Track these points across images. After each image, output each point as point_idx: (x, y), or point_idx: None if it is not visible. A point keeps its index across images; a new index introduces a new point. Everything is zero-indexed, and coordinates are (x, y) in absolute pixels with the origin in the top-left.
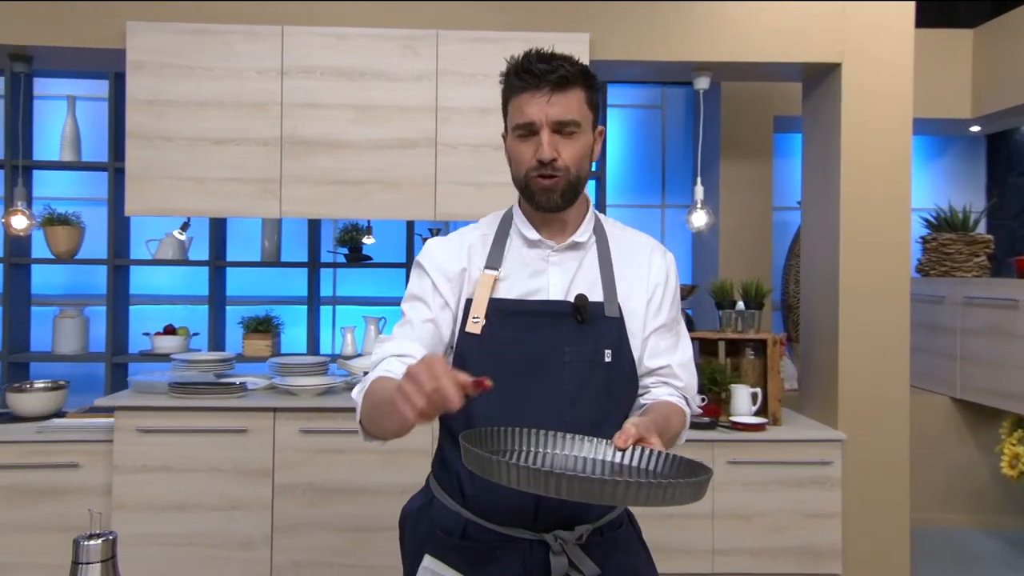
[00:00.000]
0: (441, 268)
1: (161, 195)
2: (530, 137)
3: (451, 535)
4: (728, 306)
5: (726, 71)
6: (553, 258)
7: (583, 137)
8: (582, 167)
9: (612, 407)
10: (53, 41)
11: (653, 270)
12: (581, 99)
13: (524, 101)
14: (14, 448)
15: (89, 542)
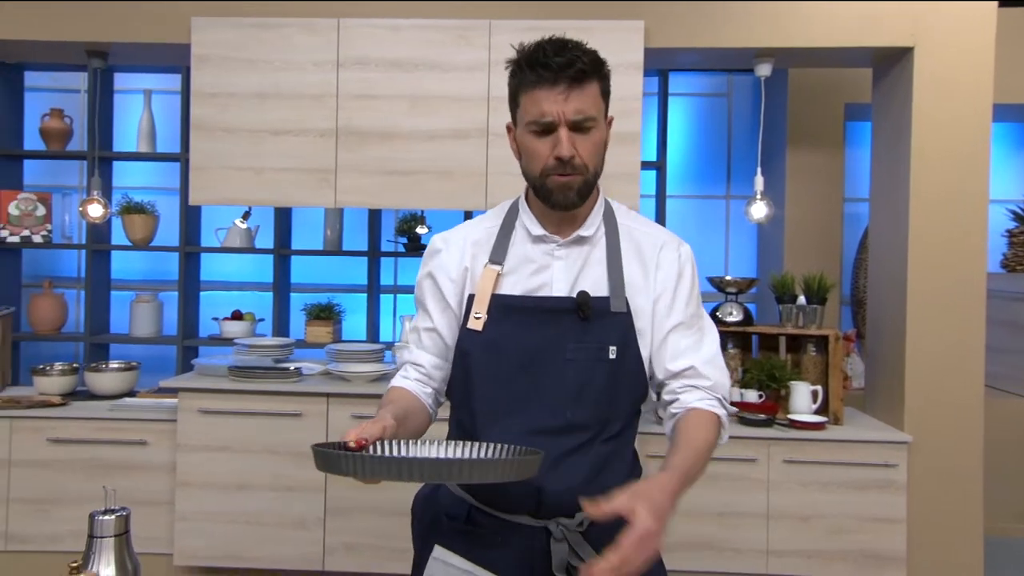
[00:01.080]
0: (444, 268)
1: (223, 185)
2: (546, 134)
3: (456, 520)
4: (789, 301)
5: (789, 57)
6: (558, 252)
7: (599, 131)
8: (599, 162)
9: (617, 405)
10: (126, 37)
11: (664, 266)
12: (596, 92)
13: (540, 97)
14: (89, 424)
15: (104, 517)
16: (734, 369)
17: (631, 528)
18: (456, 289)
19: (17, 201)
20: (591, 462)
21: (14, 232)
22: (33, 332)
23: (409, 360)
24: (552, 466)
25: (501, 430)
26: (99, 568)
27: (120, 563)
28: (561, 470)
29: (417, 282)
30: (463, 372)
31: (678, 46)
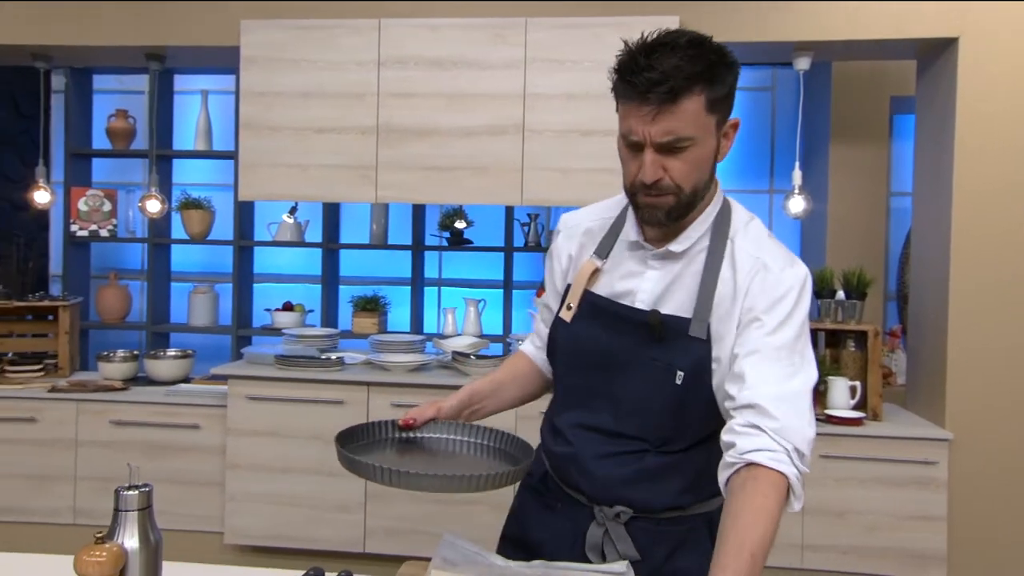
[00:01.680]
0: (559, 251)
1: (270, 181)
2: (636, 150)
3: (532, 477)
4: (827, 296)
5: (829, 50)
6: (652, 262)
7: (700, 148)
8: (698, 181)
9: (682, 427)
10: (181, 41)
11: (757, 290)
12: (699, 107)
13: (629, 112)
14: (147, 408)
15: (128, 492)
16: None
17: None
18: (563, 274)
19: (86, 197)
20: (637, 468)
21: (83, 227)
22: (100, 321)
23: (535, 330)
24: (598, 459)
25: (566, 416)
26: (123, 539)
27: (143, 535)
28: (605, 464)
29: (550, 250)
30: (551, 354)
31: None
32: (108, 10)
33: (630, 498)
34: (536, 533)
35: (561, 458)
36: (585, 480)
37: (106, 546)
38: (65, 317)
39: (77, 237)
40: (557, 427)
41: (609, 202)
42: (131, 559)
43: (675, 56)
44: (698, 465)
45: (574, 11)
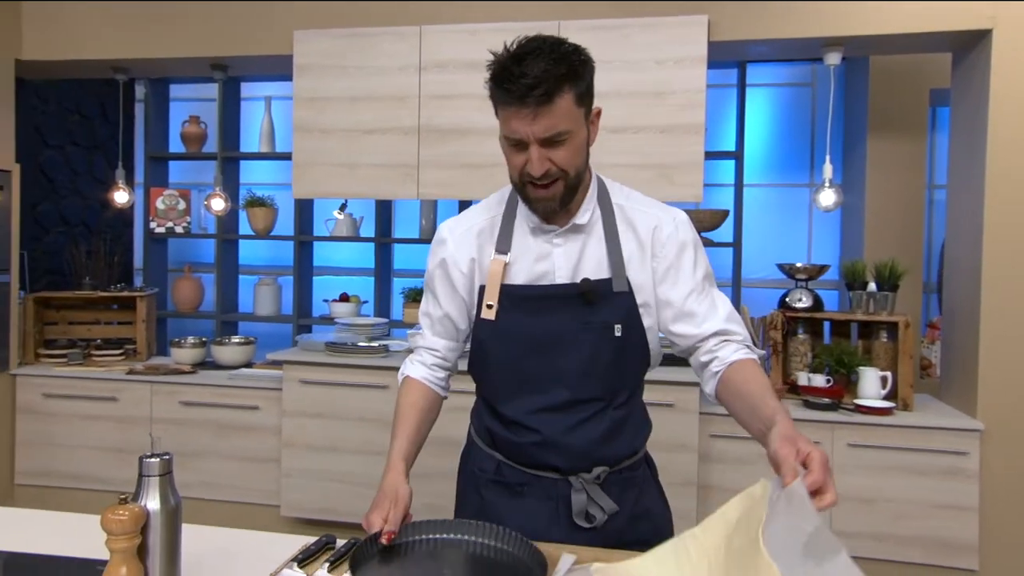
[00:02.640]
0: (453, 259)
1: (321, 180)
2: (520, 148)
3: (486, 472)
4: (859, 287)
5: (860, 45)
6: (557, 240)
7: (576, 138)
8: (579, 164)
9: (625, 376)
10: (240, 51)
11: (664, 241)
12: (570, 103)
13: (510, 115)
14: (212, 390)
15: (151, 460)
16: (803, 354)
17: (815, 458)
18: (466, 280)
19: (163, 197)
20: (605, 427)
21: (160, 224)
22: (176, 310)
23: (424, 346)
24: (569, 432)
25: (518, 406)
26: (146, 501)
27: (164, 497)
28: (577, 434)
29: (428, 271)
30: (481, 356)
31: (743, 38)
32: (176, 25)
33: (604, 457)
34: (511, 520)
35: (528, 446)
36: (560, 457)
37: (129, 506)
38: (142, 307)
39: (155, 234)
40: (510, 418)
41: (487, 202)
42: (152, 519)
43: (542, 61)
44: (639, 412)
45: (604, 13)
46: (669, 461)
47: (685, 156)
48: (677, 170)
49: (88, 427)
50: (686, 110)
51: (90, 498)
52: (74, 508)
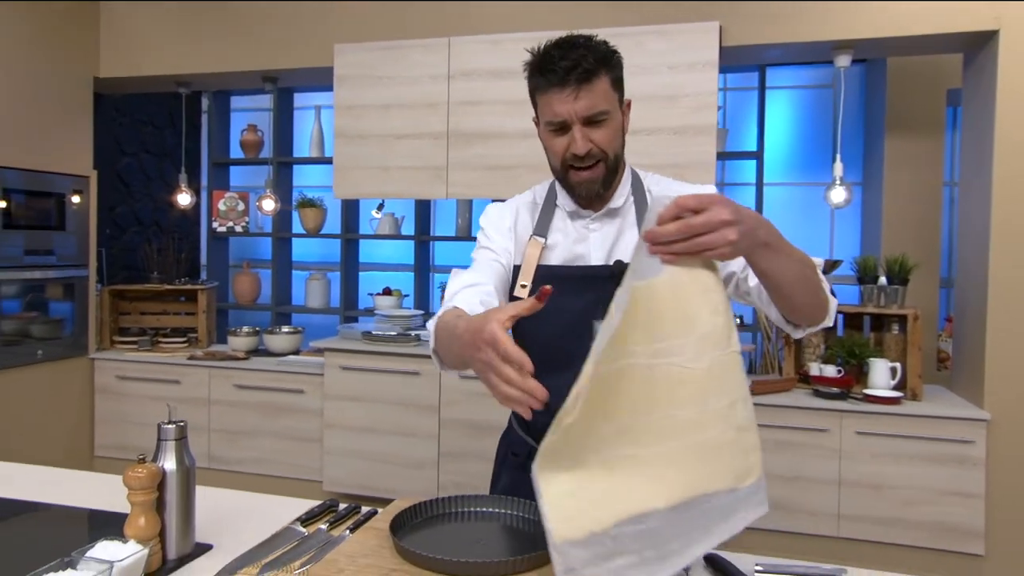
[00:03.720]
0: (496, 226)
1: (359, 181)
2: (562, 132)
3: (519, 456)
4: (870, 281)
5: (869, 47)
6: (593, 225)
7: (613, 120)
8: (617, 147)
9: None
10: (287, 64)
11: None
12: (607, 85)
13: (552, 99)
14: (262, 375)
15: (167, 426)
16: (816, 345)
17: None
18: (507, 242)
19: (224, 199)
20: None
21: (222, 223)
22: (236, 302)
23: (467, 284)
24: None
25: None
26: (163, 462)
27: (179, 459)
28: None
29: (479, 235)
30: (517, 336)
31: (754, 43)
32: (230, 42)
33: None
34: None
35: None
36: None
37: (146, 465)
38: (203, 299)
39: (217, 233)
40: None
41: (530, 190)
42: (168, 478)
43: (579, 48)
44: None
45: (621, 21)
46: None
47: (697, 156)
48: (689, 170)
49: (155, 406)
50: (698, 112)
51: None
52: None
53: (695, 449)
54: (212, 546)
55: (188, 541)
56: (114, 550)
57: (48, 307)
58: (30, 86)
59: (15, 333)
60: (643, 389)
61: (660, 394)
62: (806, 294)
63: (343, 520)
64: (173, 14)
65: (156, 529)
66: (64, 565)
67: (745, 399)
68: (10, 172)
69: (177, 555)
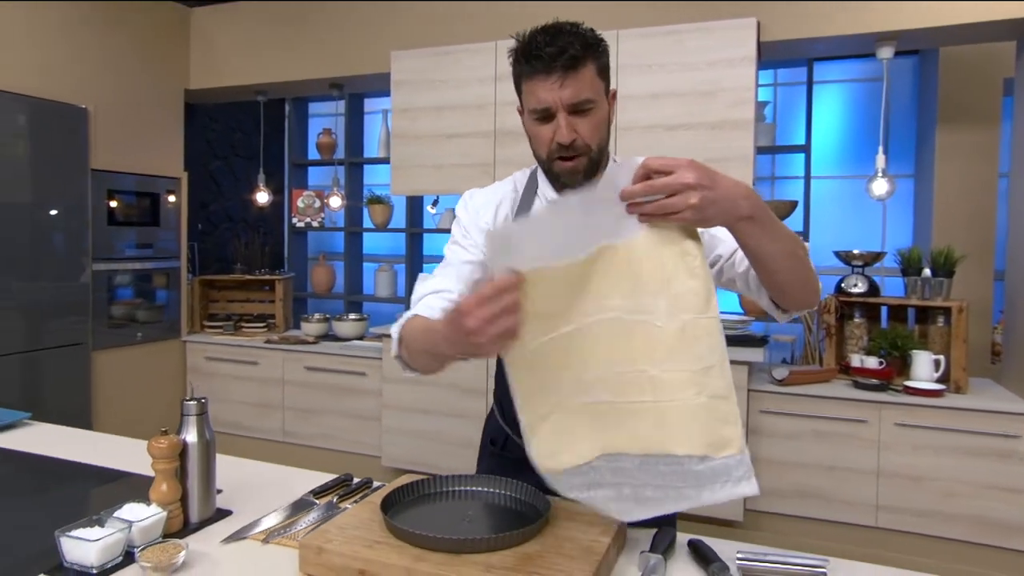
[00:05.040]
0: (473, 220)
1: (414, 179)
2: (547, 120)
3: (495, 445)
4: (914, 273)
5: (913, 38)
6: None
7: (599, 110)
8: (602, 139)
9: None
10: (351, 72)
11: None
12: (593, 73)
13: (536, 85)
14: (329, 358)
15: (189, 402)
16: (859, 337)
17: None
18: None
19: (303, 197)
20: None
21: (300, 219)
22: (313, 292)
23: (433, 289)
24: None
25: None
26: (185, 435)
27: (200, 432)
28: None
29: (454, 226)
30: None
31: (792, 38)
32: (299, 52)
33: None
34: None
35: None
36: None
37: (168, 436)
38: (280, 288)
39: (296, 228)
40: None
41: (512, 177)
42: (190, 449)
43: (565, 35)
44: None
45: (659, 20)
46: None
47: (735, 151)
48: (727, 164)
49: (237, 385)
50: (736, 107)
51: (237, 442)
52: (230, 451)
53: (665, 408)
54: (232, 512)
55: (209, 506)
56: (138, 511)
57: (148, 295)
58: (131, 99)
59: (122, 317)
60: (621, 342)
61: (635, 349)
62: (795, 273)
63: (354, 493)
64: (251, 29)
65: (177, 495)
66: (93, 522)
67: (722, 368)
68: (115, 175)
69: (198, 519)
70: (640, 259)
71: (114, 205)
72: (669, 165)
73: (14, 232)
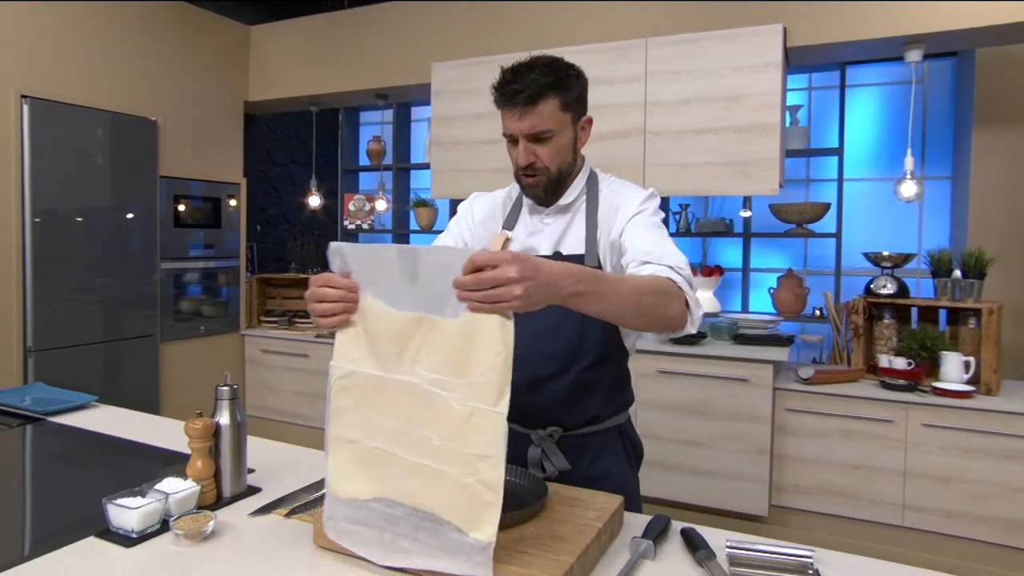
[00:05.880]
0: (465, 217)
1: (451, 183)
2: (515, 144)
3: None
4: (944, 275)
5: (943, 41)
6: (547, 220)
7: (560, 138)
8: (563, 162)
9: (586, 341)
10: (394, 82)
11: (625, 210)
12: (554, 108)
13: (504, 115)
14: None
15: (222, 387)
16: (888, 338)
17: None
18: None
19: (354, 200)
20: (569, 387)
21: (351, 221)
22: None
23: None
24: (537, 387)
25: None
26: (218, 417)
27: (232, 415)
28: (543, 391)
29: (457, 213)
30: None
31: (819, 42)
32: (347, 65)
33: (559, 419)
34: None
35: None
36: (519, 412)
37: (202, 419)
38: None
39: (348, 230)
40: None
41: (507, 188)
42: (223, 430)
43: (532, 73)
44: (608, 384)
45: (686, 28)
46: (742, 430)
47: (762, 154)
48: (754, 166)
49: (289, 376)
50: (762, 111)
51: (288, 429)
52: (282, 437)
53: (439, 475)
54: (261, 489)
55: (240, 483)
56: (175, 485)
57: (210, 291)
58: (196, 111)
59: (188, 312)
60: (417, 406)
61: (428, 417)
62: (643, 318)
63: None
64: (304, 44)
65: (210, 471)
66: (135, 493)
67: (497, 462)
68: (181, 181)
69: (231, 494)
70: (454, 340)
71: (181, 209)
72: (494, 259)
73: (97, 234)
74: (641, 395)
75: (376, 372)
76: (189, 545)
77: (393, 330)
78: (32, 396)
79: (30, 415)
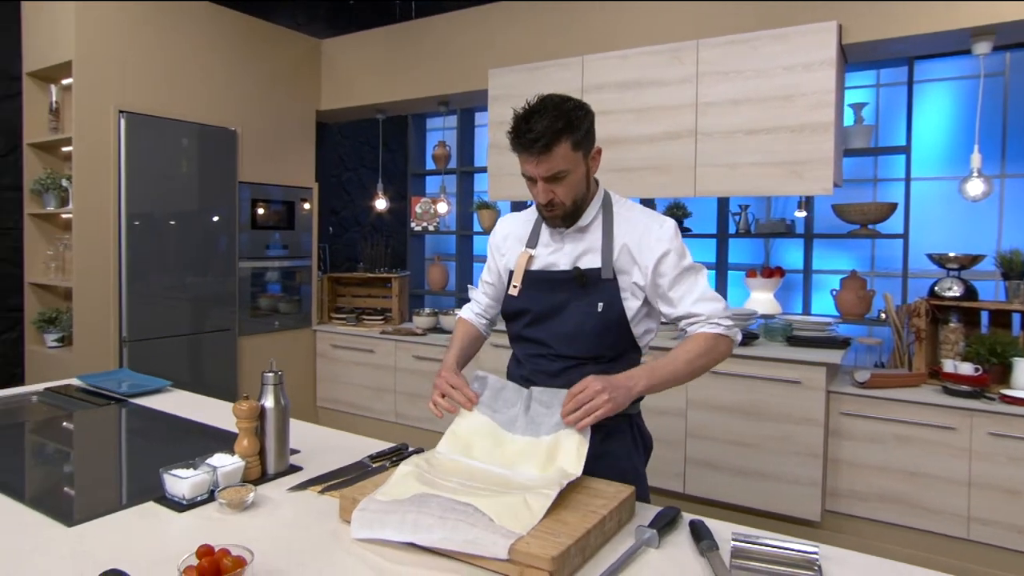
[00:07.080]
0: (497, 243)
1: (508, 186)
2: (533, 183)
3: None
4: (1016, 277)
5: (1012, 32)
6: (566, 239)
7: (574, 175)
8: (577, 194)
9: (604, 344)
10: (454, 89)
11: (652, 245)
12: (567, 150)
13: (522, 159)
14: (434, 348)
15: (268, 373)
16: (955, 342)
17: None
18: (504, 257)
19: (420, 203)
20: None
21: (418, 223)
22: (429, 289)
23: (474, 298)
24: (553, 377)
25: (524, 350)
26: (264, 400)
27: (276, 399)
28: (559, 380)
29: (488, 247)
30: (509, 319)
31: (875, 38)
32: (410, 74)
33: None
34: None
35: (520, 379)
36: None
37: (249, 401)
38: (396, 285)
39: (414, 231)
40: (519, 359)
41: (530, 210)
42: (267, 412)
43: (545, 118)
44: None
45: (738, 28)
46: (794, 432)
47: (815, 153)
48: (807, 166)
49: (357, 370)
50: (815, 110)
51: (355, 420)
52: (349, 428)
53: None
54: (302, 468)
55: (283, 461)
56: (224, 460)
57: (285, 289)
58: (272, 120)
59: (264, 308)
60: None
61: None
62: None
63: (405, 457)
64: (370, 55)
65: (256, 449)
66: (188, 465)
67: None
68: (258, 186)
69: (273, 471)
70: (543, 453)
71: (259, 212)
72: (582, 385)
73: (185, 236)
74: (691, 395)
75: (470, 461)
76: (231, 513)
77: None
78: (119, 380)
79: (115, 396)
